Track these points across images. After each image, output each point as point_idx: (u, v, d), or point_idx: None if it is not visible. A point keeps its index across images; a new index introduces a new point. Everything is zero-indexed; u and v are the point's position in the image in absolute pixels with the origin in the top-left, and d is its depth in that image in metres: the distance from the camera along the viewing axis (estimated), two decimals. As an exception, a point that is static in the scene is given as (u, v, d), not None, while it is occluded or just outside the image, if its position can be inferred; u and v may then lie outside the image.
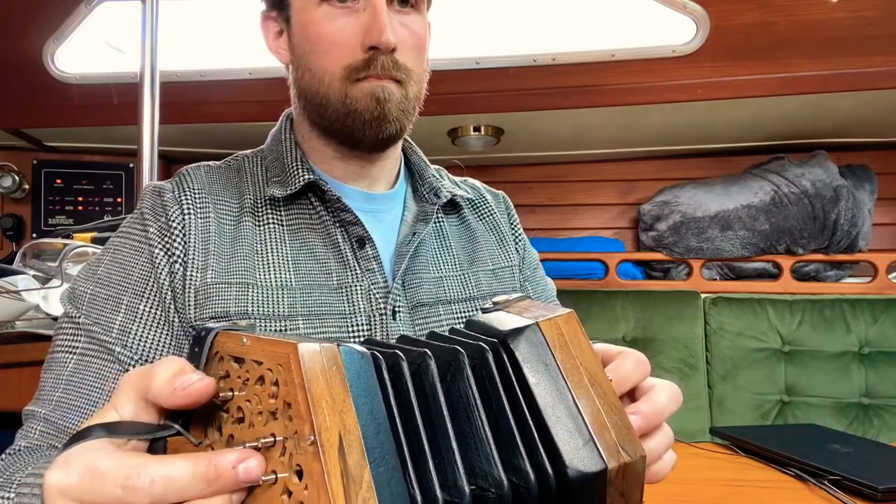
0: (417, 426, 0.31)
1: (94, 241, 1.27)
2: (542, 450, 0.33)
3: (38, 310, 1.12)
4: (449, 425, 0.32)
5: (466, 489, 0.30)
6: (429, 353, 0.34)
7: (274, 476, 0.28)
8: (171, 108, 1.32)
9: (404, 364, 0.33)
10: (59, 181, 1.91)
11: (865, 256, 1.67)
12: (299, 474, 0.27)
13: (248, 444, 0.29)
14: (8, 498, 0.44)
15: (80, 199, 1.92)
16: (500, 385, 0.35)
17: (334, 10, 0.61)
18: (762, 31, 1.36)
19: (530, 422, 0.34)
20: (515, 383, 0.35)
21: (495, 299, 0.44)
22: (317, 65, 0.62)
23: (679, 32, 1.41)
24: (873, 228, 1.71)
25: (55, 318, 1.11)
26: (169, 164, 2.04)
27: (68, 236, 1.28)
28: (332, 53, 0.61)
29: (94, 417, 0.31)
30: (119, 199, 1.93)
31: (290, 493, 0.27)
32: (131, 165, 1.92)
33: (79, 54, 1.57)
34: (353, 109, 0.61)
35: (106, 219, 1.61)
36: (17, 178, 1.87)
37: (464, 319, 0.67)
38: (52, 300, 1.13)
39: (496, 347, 0.36)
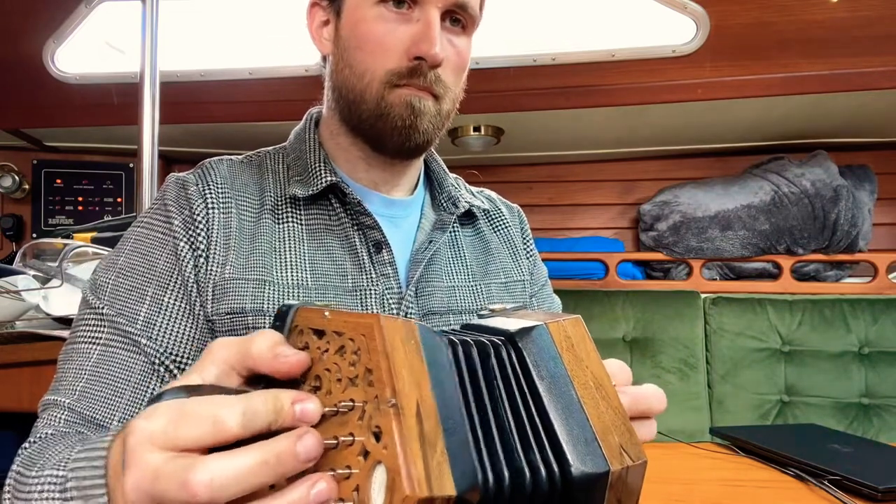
0: (471, 407, 0.33)
1: (94, 241, 1.27)
2: (549, 449, 0.34)
3: (38, 310, 1.12)
4: (489, 411, 0.33)
5: (506, 473, 0.31)
6: (470, 340, 0.35)
7: (351, 437, 0.29)
8: (171, 108, 1.33)
9: (459, 349, 0.34)
10: (59, 181, 1.91)
11: (865, 256, 1.67)
12: (377, 436, 0.28)
13: (326, 409, 0.30)
14: (58, 475, 0.44)
15: (80, 199, 1.92)
16: (512, 381, 0.35)
17: (388, 13, 0.61)
18: (762, 31, 1.36)
19: (537, 420, 0.34)
20: (523, 380, 0.36)
21: (491, 306, 0.45)
22: (360, 61, 0.62)
23: (679, 32, 1.41)
24: (873, 228, 1.71)
25: (55, 318, 1.11)
26: (169, 164, 2.04)
27: (68, 236, 1.28)
28: (378, 55, 0.61)
29: (178, 380, 0.33)
30: (119, 199, 1.93)
31: (366, 454, 0.29)
32: (131, 165, 1.92)
33: (79, 54, 1.57)
34: (387, 114, 0.61)
35: (106, 219, 1.61)
36: (17, 178, 1.87)
37: None
38: (52, 300, 1.13)
39: (505, 344, 0.36)
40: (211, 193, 0.63)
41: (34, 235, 1.88)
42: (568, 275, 1.81)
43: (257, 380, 0.33)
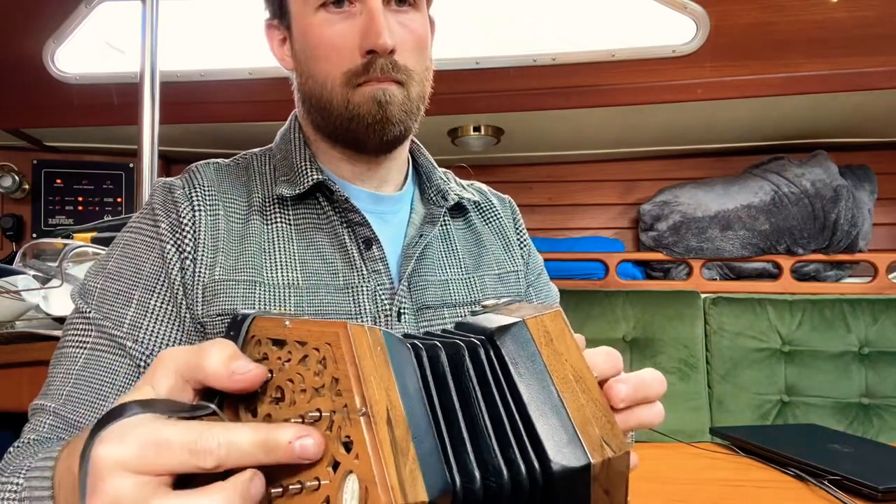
0: (437, 413, 0.33)
1: (94, 241, 1.27)
2: (528, 445, 0.34)
3: (38, 310, 1.12)
4: (460, 414, 0.33)
5: (477, 475, 0.31)
6: (439, 344, 0.35)
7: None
8: (171, 108, 1.33)
9: (423, 354, 0.34)
10: (59, 181, 1.91)
11: (865, 256, 1.67)
12: (347, 446, 0.28)
13: (292, 420, 0.29)
14: (17, 483, 0.44)
15: (80, 199, 1.92)
16: (490, 379, 0.35)
17: (331, 15, 0.61)
18: (762, 31, 1.36)
19: (517, 417, 0.34)
20: (502, 378, 0.36)
21: (484, 303, 0.45)
22: (318, 70, 0.63)
23: (679, 32, 1.41)
24: (873, 228, 1.71)
25: (55, 318, 1.11)
26: (169, 164, 2.04)
27: (68, 236, 1.28)
28: (332, 59, 0.61)
29: (130, 394, 0.31)
30: (119, 199, 1.93)
31: (336, 465, 0.28)
32: (131, 165, 1.92)
33: (79, 54, 1.57)
34: (356, 114, 0.61)
35: (106, 219, 1.61)
36: (17, 178, 1.87)
37: None
38: (52, 300, 1.13)
39: (484, 343, 0.36)
40: (197, 196, 0.63)
41: (34, 235, 1.88)
42: (568, 275, 1.81)
43: (212, 392, 0.32)
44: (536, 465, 0.33)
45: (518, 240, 0.80)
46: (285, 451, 0.28)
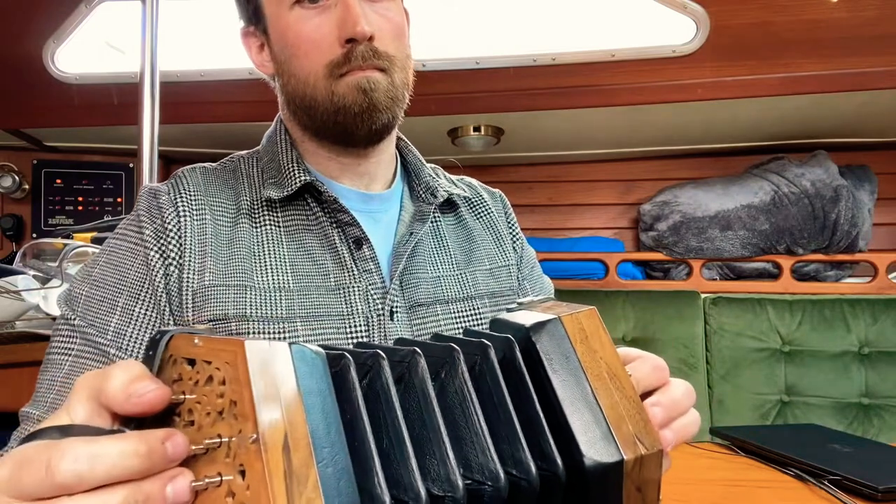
0: (395, 425, 0.31)
1: (94, 241, 1.27)
2: (551, 441, 0.33)
3: (38, 310, 1.12)
4: (440, 421, 0.32)
5: (460, 483, 0.30)
6: (418, 350, 0.34)
7: (219, 478, 0.27)
8: (171, 108, 1.32)
9: (384, 363, 0.33)
10: (59, 181, 1.91)
11: (865, 256, 1.67)
12: (243, 474, 0.26)
13: (194, 448, 0.28)
14: None
15: (80, 199, 1.92)
16: (500, 379, 0.35)
17: (307, 11, 0.61)
18: (762, 31, 1.36)
19: (540, 414, 0.34)
20: (527, 376, 0.35)
21: (521, 300, 0.45)
22: (299, 67, 0.63)
23: (679, 32, 1.41)
24: (873, 228, 1.71)
25: (55, 318, 1.11)
26: (169, 164, 2.04)
27: (68, 236, 1.28)
28: (312, 54, 0.61)
29: (48, 420, 0.30)
30: (119, 199, 1.93)
31: (233, 495, 0.27)
32: (131, 165, 1.92)
33: (79, 54, 1.57)
34: (342, 105, 0.61)
35: (106, 219, 1.61)
36: (17, 178, 1.87)
37: (461, 319, 0.68)
38: (52, 300, 1.13)
39: (519, 340, 0.36)
40: (183, 201, 0.63)
41: (34, 235, 1.88)
42: (568, 275, 1.81)
43: (131, 416, 0.30)
44: (559, 461, 0.33)
45: (510, 233, 0.80)
46: (160, 452, 0.27)
